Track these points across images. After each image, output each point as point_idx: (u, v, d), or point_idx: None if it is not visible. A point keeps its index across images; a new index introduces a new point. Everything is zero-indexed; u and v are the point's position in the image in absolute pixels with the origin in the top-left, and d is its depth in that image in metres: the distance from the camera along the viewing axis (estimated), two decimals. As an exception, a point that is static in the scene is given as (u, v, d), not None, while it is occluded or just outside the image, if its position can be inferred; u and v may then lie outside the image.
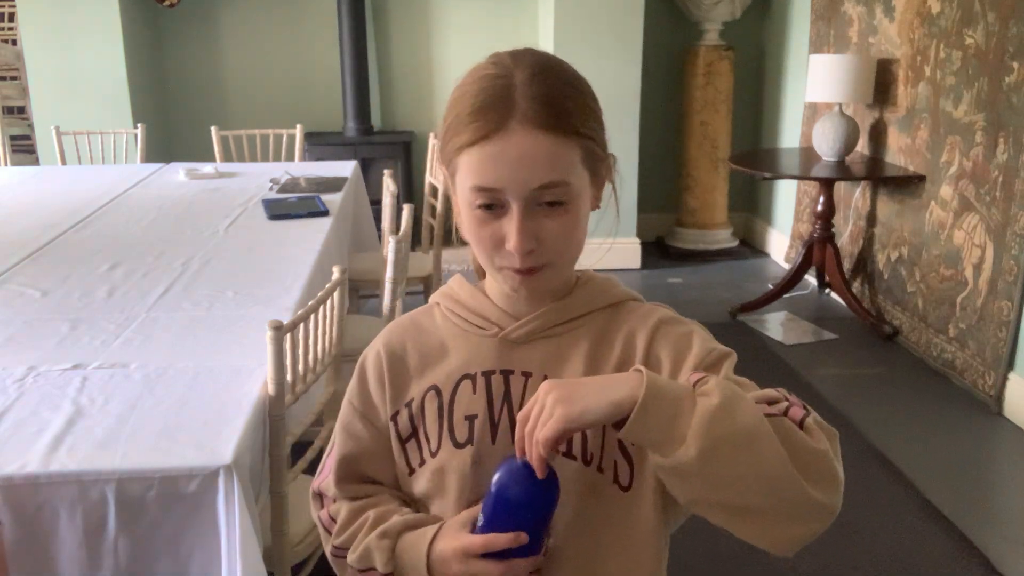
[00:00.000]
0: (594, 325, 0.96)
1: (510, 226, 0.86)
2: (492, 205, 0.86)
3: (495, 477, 0.86)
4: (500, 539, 0.85)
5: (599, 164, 0.91)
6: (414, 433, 0.97)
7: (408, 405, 0.97)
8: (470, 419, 0.94)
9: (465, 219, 0.90)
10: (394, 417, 0.98)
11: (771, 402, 0.82)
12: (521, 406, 0.92)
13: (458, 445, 0.94)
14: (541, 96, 0.85)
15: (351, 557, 0.96)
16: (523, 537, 0.85)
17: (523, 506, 0.85)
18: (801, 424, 0.80)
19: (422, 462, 0.97)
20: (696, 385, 0.81)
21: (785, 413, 0.80)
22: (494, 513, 0.86)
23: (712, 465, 0.76)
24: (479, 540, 0.86)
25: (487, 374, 0.95)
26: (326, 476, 1.03)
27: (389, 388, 0.99)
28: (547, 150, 0.84)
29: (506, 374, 0.94)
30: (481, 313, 0.96)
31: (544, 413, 0.80)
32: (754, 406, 0.78)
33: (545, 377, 0.93)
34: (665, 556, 0.96)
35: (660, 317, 0.94)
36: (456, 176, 0.89)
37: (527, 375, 0.94)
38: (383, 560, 0.93)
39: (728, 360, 0.89)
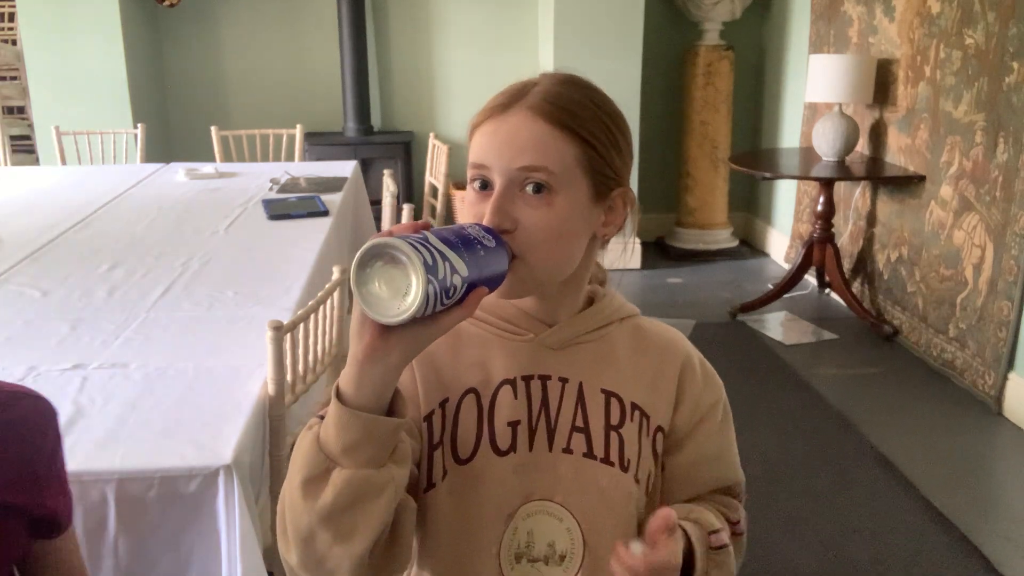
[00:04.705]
0: (622, 334, 0.96)
1: (489, 203, 0.85)
2: (484, 185, 0.87)
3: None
4: None
5: (606, 182, 0.89)
6: (443, 437, 0.91)
7: (443, 405, 0.92)
8: (513, 425, 0.91)
9: (466, 200, 0.91)
10: (428, 418, 0.91)
11: (716, 531, 0.93)
12: (558, 412, 0.92)
13: (500, 453, 0.91)
14: (551, 93, 0.87)
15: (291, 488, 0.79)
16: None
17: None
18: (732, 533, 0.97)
19: (444, 473, 0.91)
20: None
21: (727, 540, 0.94)
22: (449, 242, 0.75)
23: None
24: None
25: (526, 379, 0.92)
26: None
27: (420, 383, 0.92)
28: (537, 135, 0.85)
29: (544, 379, 0.93)
30: (508, 318, 0.93)
31: None
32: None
33: (581, 383, 0.93)
34: None
35: (695, 358, 1.00)
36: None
37: (564, 381, 0.93)
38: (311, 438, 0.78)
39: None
